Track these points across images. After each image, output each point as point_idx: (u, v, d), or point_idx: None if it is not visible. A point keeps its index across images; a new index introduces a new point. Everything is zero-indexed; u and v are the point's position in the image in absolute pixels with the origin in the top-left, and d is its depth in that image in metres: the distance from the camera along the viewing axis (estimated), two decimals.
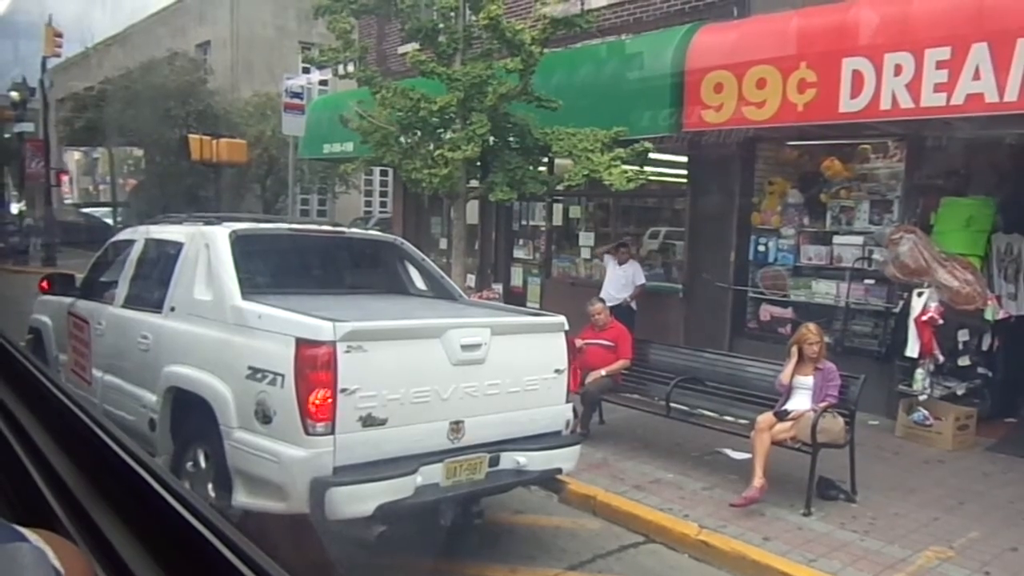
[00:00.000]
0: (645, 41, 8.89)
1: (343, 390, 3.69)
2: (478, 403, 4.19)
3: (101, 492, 0.93)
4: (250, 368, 3.90)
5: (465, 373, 4.13)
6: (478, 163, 7.77)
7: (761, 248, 8.68)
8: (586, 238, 10.57)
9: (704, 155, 8.88)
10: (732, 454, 6.24)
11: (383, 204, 33.78)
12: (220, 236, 4.69)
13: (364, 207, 32.15)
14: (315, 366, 3.67)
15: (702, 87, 7.86)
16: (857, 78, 6.74)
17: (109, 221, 25.61)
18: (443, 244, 12.43)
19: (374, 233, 5.72)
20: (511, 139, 7.82)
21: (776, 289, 8.58)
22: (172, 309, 4.72)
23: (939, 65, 6.21)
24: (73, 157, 34.64)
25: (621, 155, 7.12)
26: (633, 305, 9.14)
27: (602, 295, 9.05)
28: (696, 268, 9.12)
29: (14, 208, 28.90)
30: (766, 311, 8.69)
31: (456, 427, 4.11)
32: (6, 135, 27.10)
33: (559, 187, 7.80)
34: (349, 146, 12.52)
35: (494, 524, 4.88)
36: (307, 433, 3.66)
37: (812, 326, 5.61)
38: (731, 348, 8.36)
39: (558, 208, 10.86)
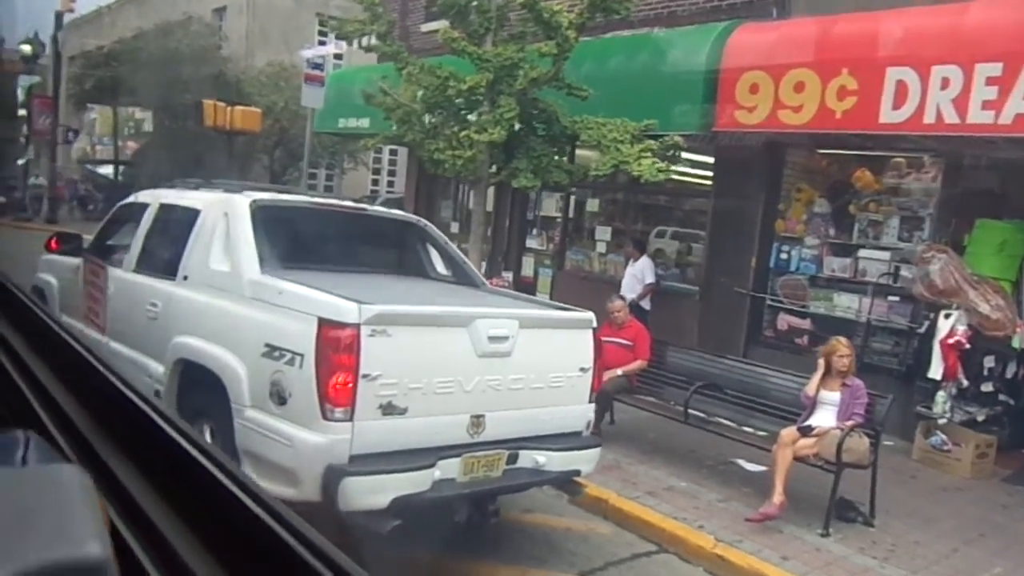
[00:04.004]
0: (679, 36, 8.67)
1: (365, 375, 3.51)
2: (501, 397, 4.01)
3: (108, 429, 0.93)
4: (267, 346, 3.72)
5: (490, 365, 3.95)
6: (501, 148, 7.55)
7: (783, 256, 8.49)
8: (602, 232, 10.38)
9: (731, 156, 8.69)
10: (746, 465, 6.08)
11: (391, 183, 33.53)
12: (240, 205, 4.50)
13: (371, 185, 31.91)
14: (337, 348, 3.49)
15: (737, 87, 7.66)
16: (901, 89, 6.54)
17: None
18: (454, 228, 12.24)
19: (397, 212, 5.52)
20: (537, 126, 7.61)
21: (795, 299, 8.40)
22: (185, 278, 4.53)
23: (989, 81, 6.02)
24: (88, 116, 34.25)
25: (651, 147, 6.91)
26: (645, 304, 8.96)
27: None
28: (714, 271, 8.94)
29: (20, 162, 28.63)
30: (783, 320, 8.51)
31: (477, 421, 3.94)
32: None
33: (588, 177, 7.56)
34: (365, 122, 12.31)
35: (503, 522, 4.70)
36: (324, 418, 3.48)
37: (843, 339, 5.44)
38: (745, 355, 8.19)
39: (575, 200, 10.66)
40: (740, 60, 7.70)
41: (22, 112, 27.29)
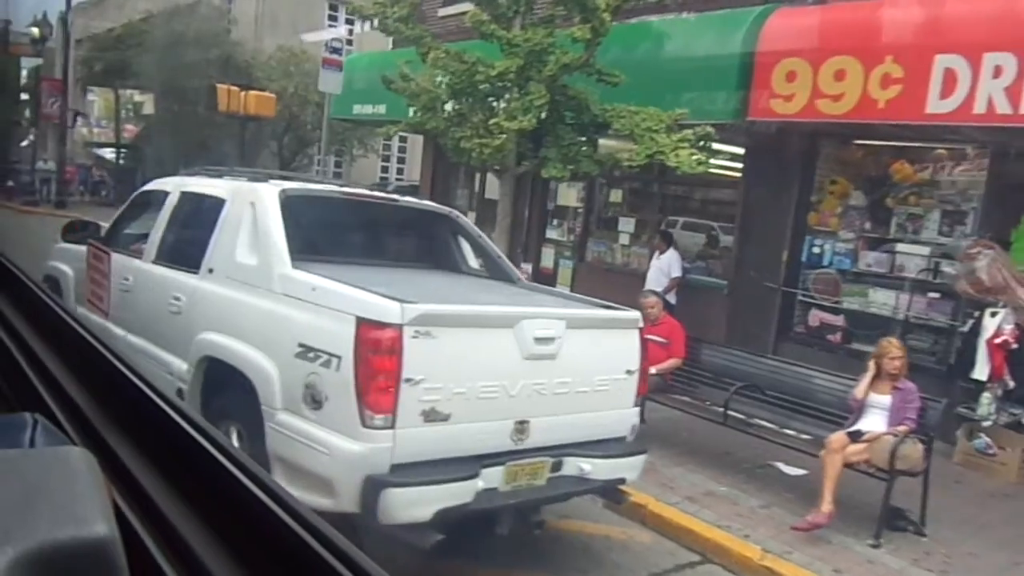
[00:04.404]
0: (712, 21, 8.38)
1: (407, 379, 3.28)
2: (546, 402, 3.79)
3: (113, 413, 0.93)
4: (301, 346, 3.49)
5: (536, 368, 3.72)
6: (528, 137, 7.28)
7: (816, 250, 8.24)
8: (626, 224, 10.12)
9: (762, 147, 8.42)
10: (785, 469, 5.86)
11: (399, 171, 33.28)
12: (268, 195, 4.26)
13: (380, 172, 31.64)
14: (378, 350, 3.26)
15: (773, 74, 7.38)
16: (949, 77, 6.27)
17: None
18: (470, 217, 11.98)
19: (428, 203, 5.27)
20: (566, 113, 7.34)
21: (828, 294, 8.15)
22: (210, 271, 4.30)
23: None
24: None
25: (688, 137, 6.65)
26: (671, 298, 8.71)
27: (645, 289, 8.66)
28: (744, 265, 8.69)
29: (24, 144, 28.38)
30: (815, 316, 8.27)
31: (521, 427, 3.71)
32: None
33: (621, 167, 7.30)
34: (382, 108, 12.06)
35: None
36: (364, 425, 3.26)
37: (894, 340, 5.21)
38: (775, 351, 7.95)
39: (597, 190, 10.40)
40: (776, 46, 7.42)
41: (24, 95, 27.09)
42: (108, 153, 30.07)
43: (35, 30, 22.13)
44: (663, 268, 8.87)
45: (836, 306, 8.09)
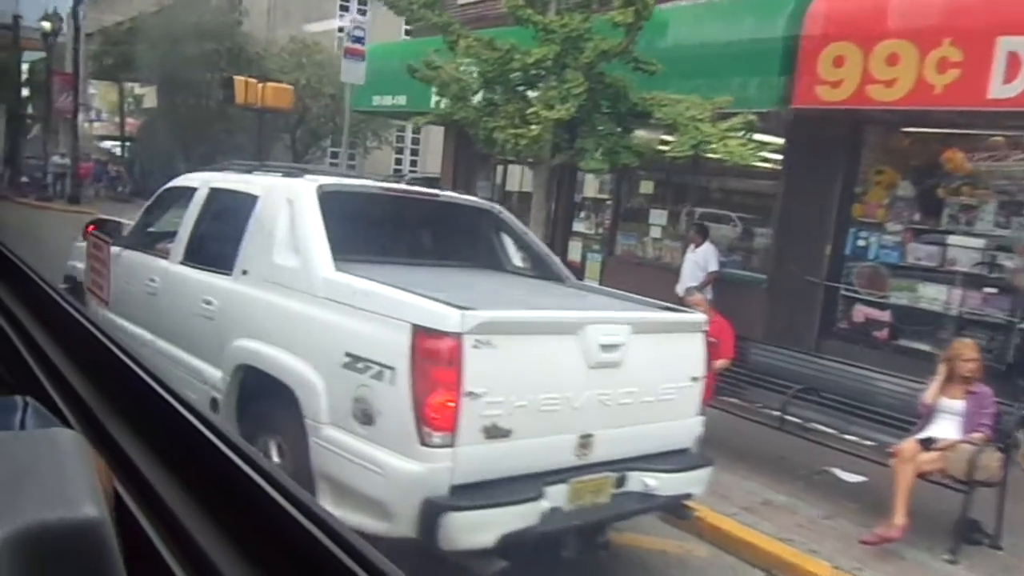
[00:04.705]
0: (750, 3, 8.04)
1: (469, 393, 3.01)
2: (610, 413, 3.51)
3: (110, 398, 0.93)
4: (348, 355, 3.23)
5: (600, 377, 3.45)
6: (564, 127, 6.97)
7: (861, 242, 7.91)
8: (657, 216, 9.81)
9: (803, 135, 8.08)
10: (843, 475, 5.56)
11: (413, 162, 33.00)
12: (306, 191, 3.99)
13: (394, 164, 31.38)
14: (437, 361, 2.99)
15: (819, 60, 7.04)
16: (1013, 61, 5.94)
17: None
18: None
19: (470, 198, 4.99)
20: (602, 102, 7.03)
21: (874, 288, 7.83)
22: (244, 272, 4.03)
23: None
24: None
25: (737, 126, 6.33)
26: (707, 294, 8.40)
27: (679, 284, 8.38)
28: (784, 259, 8.37)
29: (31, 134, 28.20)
30: (860, 312, 7.95)
31: (585, 441, 3.44)
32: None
33: (665, 159, 6.99)
34: (402, 99, 11.77)
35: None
36: (422, 443, 2.99)
37: (968, 341, 4.90)
38: (818, 349, 7.64)
39: (626, 181, 10.08)
40: (823, 30, 7.08)
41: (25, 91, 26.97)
42: (109, 146, 29.90)
43: (46, 24, 21.92)
44: (699, 262, 8.57)
45: (882, 301, 7.77)
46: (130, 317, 5.01)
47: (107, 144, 29.13)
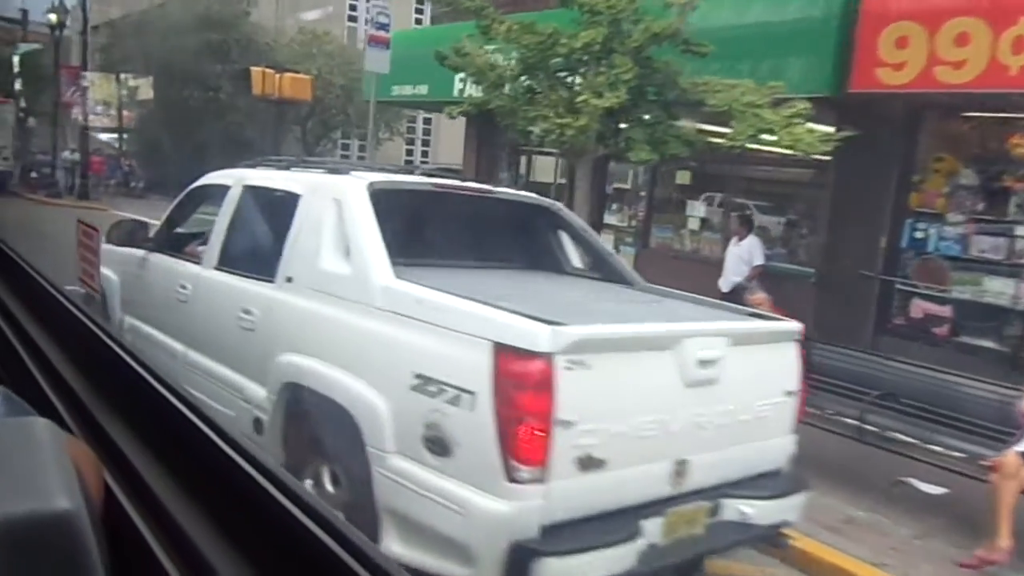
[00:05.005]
0: None
1: (561, 421, 2.63)
2: (706, 436, 3.13)
3: (106, 395, 0.92)
4: (418, 377, 2.85)
5: (697, 396, 3.07)
6: (609, 116, 6.56)
7: (919, 234, 7.49)
8: (694, 207, 9.40)
9: (856, 121, 7.64)
10: (922, 486, 5.15)
11: (424, 153, 32.63)
12: (356, 190, 3.61)
13: (405, 155, 31.01)
14: (525, 386, 2.62)
15: (880, 41, 6.64)
16: None
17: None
18: None
19: (526, 195, 4.61)
20: (648, 89, 6.61)
21: (933, 282, 7.41)
22: (288, 280, 3.66)
23: None
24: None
25: (801, 112, 5.91)
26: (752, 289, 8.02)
27: (722, 279, 8.00)
28: (835, 251, 7.96)
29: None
30: (918, 307, 7.54)
31: (680, 468, 3.06)
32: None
33: (723, 148, 6.58)
34: (423, 88, 11.39)
35: None
36: (509, 479, 2.61)
37: None
38: (873, 346, 7.24)
39: (663, 172, 9.66)
40: (884, 8, 6.66)
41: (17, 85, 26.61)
42: (106, 138, 29.50)
43: (53, 16, 21.55)
44: (743, 255, 8.17)
45: (943, 295, 7.36)
46: (159, 326, 4.67)
47: (104, 136, 28.75)
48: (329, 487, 3.29)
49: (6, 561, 0.45)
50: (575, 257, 4.54)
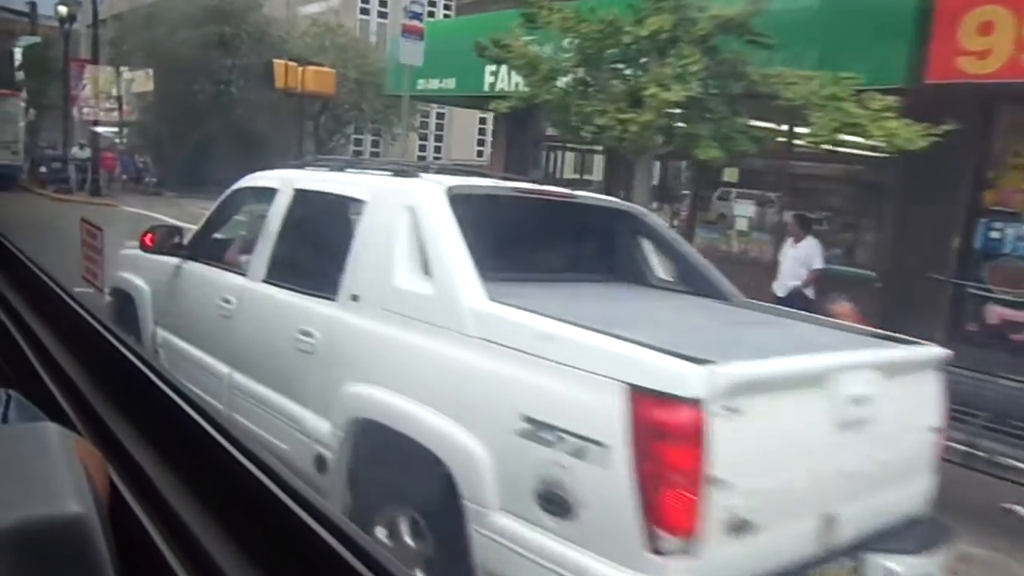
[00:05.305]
0: None
1: (715, 480, 2.18)
2: (853, 484, 2.69)
3: (110, 393, 0.92)
4: (528, 420, 2.41)
5: (845, 439, 2.62)
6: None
7: (994, 234, 7.02)
8: (743, 207, 8.92)
9: (925, 114, 7.16)
10: None
11: (437, 148, 32.16)
12: (433, 196, 3.17)
13: (418, 151, 30.55)
14: (671, 438, 2.18)
15: (960, 27, 6.16)
16: None
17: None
18: None
19: (608, 199, 4.16)
20: (711, 81, 6.14)
21: (1011, 286, 6.94)
22: (354, 298, 3.21)
23: None
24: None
25: (892, 105, 5.44)
26: (809, 293, 7.57)
27: (776, 282, 7.53)
28: (900, 253, 7.49)
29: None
30: (995, 312, 7.07)
31: (829, 524, 2.61)
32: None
33: (799, 147, 6.12)
34: (451, 82, 10.95)
35: None
36: (653, 550, 2.17)
37: None
38: None
39: (708, 169, 9.19)
40: None
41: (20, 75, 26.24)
42: (103, 131, 29.04)
43: (63, 8, 21.13)
44: (800, 258, 7.69)
45: (1022, 300, 6.88)
46: (197, 342, 4.23)
47: (102, 130, 28.26)
48: (408, 540, 2.85)
49: (20, 564, 0.45)
50: (658, 267, 4.08)
